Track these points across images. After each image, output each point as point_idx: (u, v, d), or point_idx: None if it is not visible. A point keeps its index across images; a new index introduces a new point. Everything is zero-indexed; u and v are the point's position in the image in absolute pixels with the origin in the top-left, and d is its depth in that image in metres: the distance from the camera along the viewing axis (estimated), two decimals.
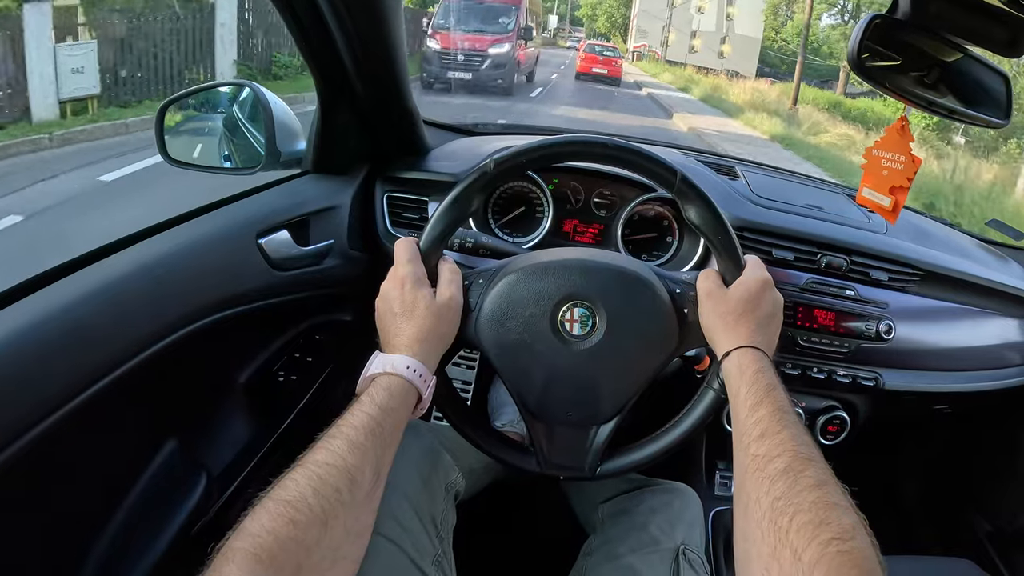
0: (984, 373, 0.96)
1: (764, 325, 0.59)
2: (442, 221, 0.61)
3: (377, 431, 0.49)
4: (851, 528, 0.40)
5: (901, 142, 0.80)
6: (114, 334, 0.59)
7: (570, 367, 0.61)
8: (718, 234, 0.61)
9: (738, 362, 0.56)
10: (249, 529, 0.39)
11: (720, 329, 0.59)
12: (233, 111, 0.99)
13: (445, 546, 0.68)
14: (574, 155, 0.62)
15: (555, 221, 0.90)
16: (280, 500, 0.41)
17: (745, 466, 0.48)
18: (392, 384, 0.53)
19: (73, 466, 0.62)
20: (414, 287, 0.58)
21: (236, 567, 0.37)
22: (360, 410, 0.50)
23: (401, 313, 0.57)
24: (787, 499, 0.42)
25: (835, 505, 0.41)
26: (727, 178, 0.96)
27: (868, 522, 0.41)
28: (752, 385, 0.53)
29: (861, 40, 0.71)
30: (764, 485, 0.44)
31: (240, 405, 0.85)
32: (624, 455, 0.66)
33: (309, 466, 0.44)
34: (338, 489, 0.43)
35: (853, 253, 0.87)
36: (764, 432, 0.48)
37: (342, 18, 0.68)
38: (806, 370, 0.87)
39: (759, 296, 0.60)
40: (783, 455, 0.46)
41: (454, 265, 0.63)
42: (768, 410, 0.50)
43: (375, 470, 0.47)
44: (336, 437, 0.47)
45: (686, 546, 0.72)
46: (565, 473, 0.66)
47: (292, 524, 0.40)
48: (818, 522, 0.40)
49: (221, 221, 0.74)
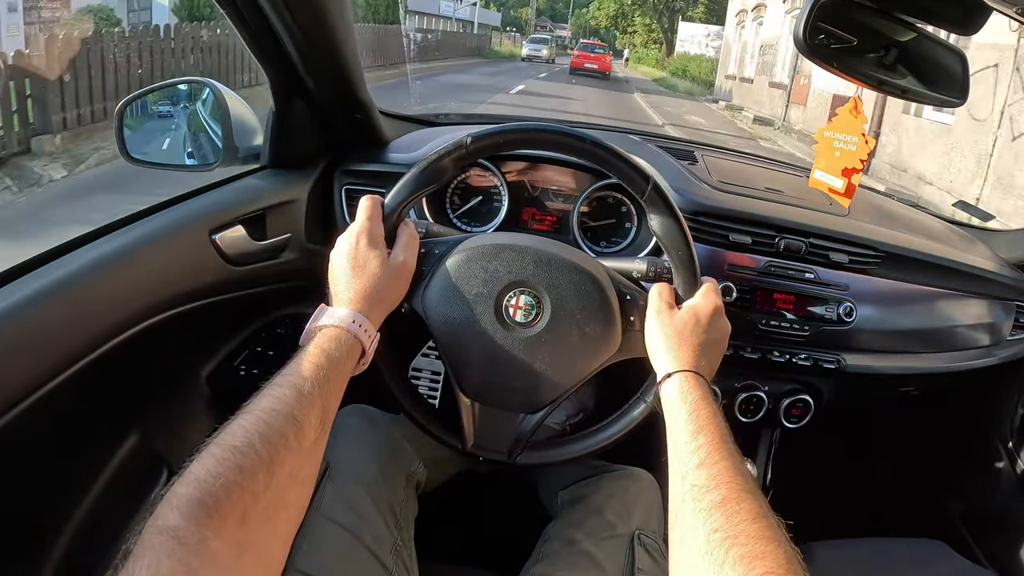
0: (950, 355, 0.96)
1: (707, 351, 0.59)
2: (409, 186, 0.61)
3: (323, 380, 0.49)
4: (786, 562, 0.40)
5: (854, 123, 0.80)
6: (71, 331, 0.59)
7: (507, 352, 0.61)
8: (679, 250, 0.61)
9: (679, 386, 0.56)
10: (194, 474, 0.38)
11: (664, 347, 0.59)
12: (196, 108, 0.99)
13: (404, 535, 0.69)
14: (552, 144, 0.62)
15: (512, 209, 0.90)
16: (226, 446, 0.40)
17: (683, 495, 0.48)
18: (337, 336, 0.53)
19: (33, 463, 0.62)
20: (369, 244, 0.59)
21: (179, 514, 0.36)
22: (307, 360, 0.49)
23: (351, 268, 0.58)
24: (724, 531, 0.42)
25: (771, 539, 0.41)
26: (687, 163, 0.95)
27: (802, 556, 0.41)
28: (693, 413, 0.53)
29: (809, 20, 0.70)
30: (701, 516, 0.45)
31: (202, 399, 0.86)
32: (548, 448, 0.67)
33: (256, 412, 0.43)
34: (284, 435, 0.43)
35: (812, 235, 0.86)
36: (703, 462, 0.48)
37: (282, 12, 0.68)
38: (766, 354, 0.87)
39: (708, 321, 0.60)
40: (721, 486, 0.46)
41: (413, 230, 0.63)
42: (707, 440, 0.50)
43: (321, 418, 0.47)
44: (282, 385, 0.47)
45: (642, 531, 0.73)
46: (485, 454, 0.67)
47: (239, 470, 0.39)
48: (754, 555, 0.40)
49: (173, 218, 0.74)
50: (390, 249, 0.61)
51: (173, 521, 0.36)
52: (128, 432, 0.75)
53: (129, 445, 0.75)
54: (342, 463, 0.70)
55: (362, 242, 0.59)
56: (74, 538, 0.67)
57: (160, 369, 0.79)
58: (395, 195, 0.61)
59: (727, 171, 0.96)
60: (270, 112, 0.85)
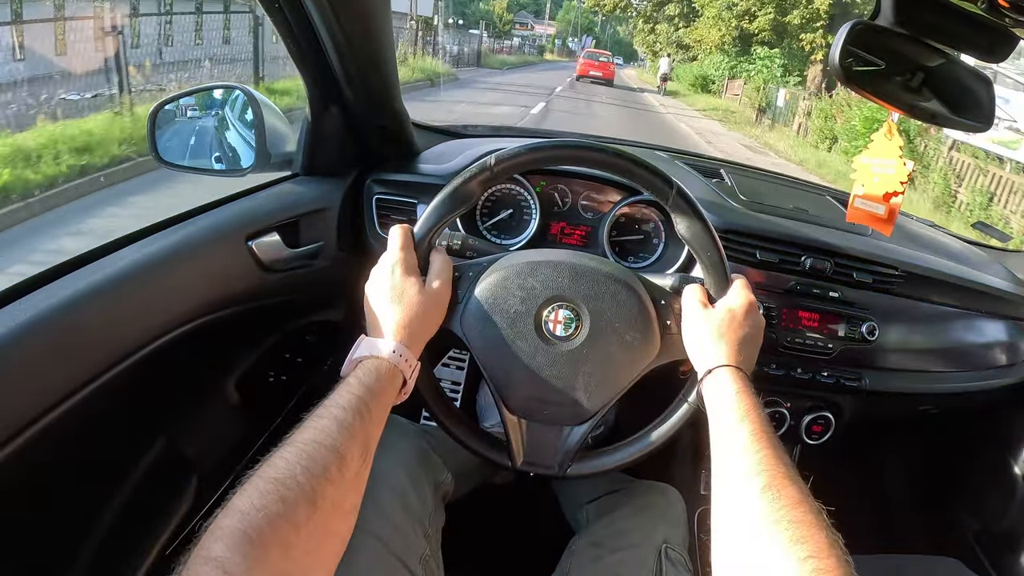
0: (969, 374, 0.97)
1: (745, 345, 0.60)
2: (438, 211, 0.62)
3: (364, 411, 0.49)
4: (828, 547, 0.41)
5: (890, 147, 0.81)
6: (106, 336, 0.59)
7: (550, 367, 0.62)
8: (708, 251, 0.62)
9: (720, 380, 0.57)
10: (238, 507, 0.39)
11: (702, 346, 0.60)
12: (225, 113, 1.00)
13: (433, 545, 0.69)
14: (574, 159, 0.62)
15: (542, 224, 0.91)
16: (269, 478, 0.41)
17: (726, 482, 0.49)
18: (379, 367, 0.54)
19: (65, 467, 0.62)
20: (404, 274, 0.59)
21: (224, 545, 0.36)
22: (348, 391, 0.50)
23: (389, 299, 0.58)
24: (767, 516, 0.43)
25: (812, 524, 0.42)
26: (714, 181, 0.96)
27: (844, 541, 0.42)
28: (734, 404, 0.54)
29: (844, 45, 0.72)
30: (744, 501, 0.46)
31: (231, 406, 0.86)
32: (595, 457, 0.67)
33: (298, 444, 0.44)
34: (327, 467, 0.44)
35: (837, 255, 0.87)
36: (745, 450, 0.50)
37: (330, 22, 0.69)
38: (790, 371, 0.88)
39: (743, 317, 0.61)
40: (763, 473, 0.47)
41: (446, 256, 0.64)
42: (749, 429, 0.51)
43: (363, 450, 0.48)
44: (324, 417, 0.47)
45: (669, 545, 0.73)
46: (535, 470, 0.67)
47: (281, 502, 0.40)
48: (796, 539, 0.41)
49: (211, 223, 0.75)
50: (424, 276, 0.61)
51: (217, 552, 0.36)
52: (157, 437, 0.75)
53: (158, 450, 0.75)
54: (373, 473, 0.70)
55: (397, 272, 0.59)
56: (103, 541, 0.67)
57: (191, 375, 0.79)
58: (424, 222, 0.61)
59: (753, 190, 0.97)
60: (304, 120, 0.85)
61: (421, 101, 8.99)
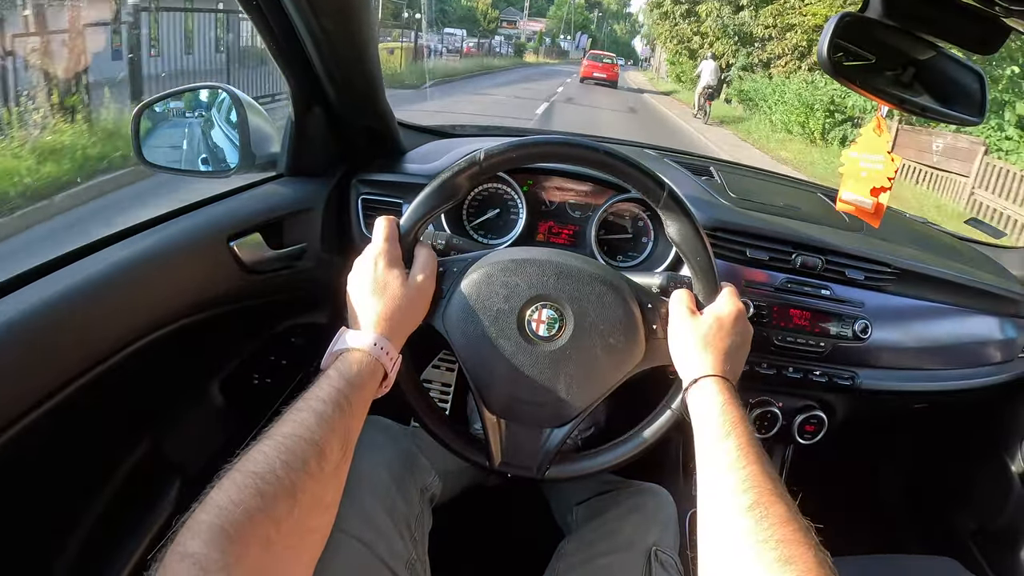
0: (963, 371, 0.96)
1: (732, 355, 0.59)
2: (425, 205, 0.61)
3: (344, 404, 0.48)
4: (816, 565, 0.40)
5: (879, 142, 0.80)
6: (86, 337, 0.58)
7: (532, 367, 0.61)
8: (697, 256, 0.61)
9: (706, 391, 0.56)
10: (216, 501, 0.38)
11: (688, 354, 0.59)
12: (211, 114, 0.99)
13: (419, 549, 0.68)
14: (565, 157, 0.61)
15: (529, 223, 0.90)
16: (247, 472, 0.40)
17: (712, 497, 0.48)
18: (359, 359, 0.53)
19: (45, 468, 0.61)
20: (388, 266, 0.58)
21: (201, 541, 0.35)
22: (328, 383, 0.49)
23: (372, 291, 0.57)
24: (754, 534, 0.42)
25: (801, 542, 0.41)
26: (704, 179, 0.95)
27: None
28: (720, 417, 0.53)
29: (832, 38, 0.71)
30: (731, 519, 0.44)
31: (215, 408, 0.85)
32: (575, 461, 0.66)
33: (277, 438, 0.43)
34: (306, 461, 0.42)
35: (828, 253, 0.87)
36: (731, 466, 0.48)
37: (309, 21, 0.68)
38: (781, 370, 0.87)
39: (731, 326, 0.60)
40: (751, 490, 0.46)
41: (430, 249, 0.63)
42: (736, 443, 0.50)
43: (342, 443, 0.47)
44: (303, 410, 0.46)
45: (659, 547, 0.72)
46: (513, 471, 0.66)
47: (260, 496, 0.39)
48: (784, 559, 0.40)
49: (192, 224, 0.74)
50: (408, 269, 0.60)
51: (194, 548, 0.35)
52: (141, 438, 0.74)
53: (142, 451, 0.74)
54: (357, 475, 0.69)
55: (380, 264, 0.58)
56: (85, 543, 0.66)
57: (174, 376, 0.78)
58: (410, 215, 0.61)
59: (743, 187, 0.96)
60: (288, 120, 0.84)
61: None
